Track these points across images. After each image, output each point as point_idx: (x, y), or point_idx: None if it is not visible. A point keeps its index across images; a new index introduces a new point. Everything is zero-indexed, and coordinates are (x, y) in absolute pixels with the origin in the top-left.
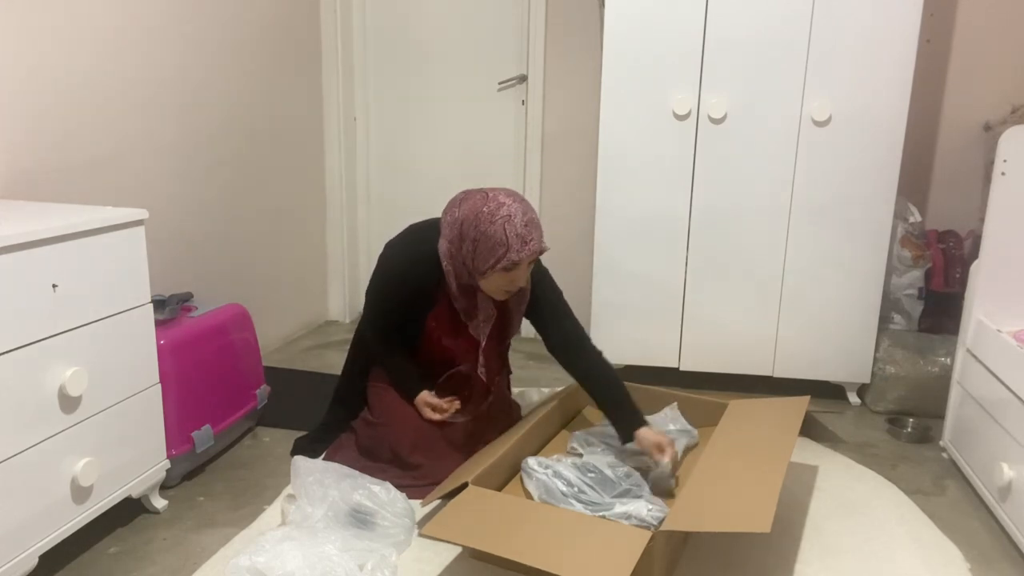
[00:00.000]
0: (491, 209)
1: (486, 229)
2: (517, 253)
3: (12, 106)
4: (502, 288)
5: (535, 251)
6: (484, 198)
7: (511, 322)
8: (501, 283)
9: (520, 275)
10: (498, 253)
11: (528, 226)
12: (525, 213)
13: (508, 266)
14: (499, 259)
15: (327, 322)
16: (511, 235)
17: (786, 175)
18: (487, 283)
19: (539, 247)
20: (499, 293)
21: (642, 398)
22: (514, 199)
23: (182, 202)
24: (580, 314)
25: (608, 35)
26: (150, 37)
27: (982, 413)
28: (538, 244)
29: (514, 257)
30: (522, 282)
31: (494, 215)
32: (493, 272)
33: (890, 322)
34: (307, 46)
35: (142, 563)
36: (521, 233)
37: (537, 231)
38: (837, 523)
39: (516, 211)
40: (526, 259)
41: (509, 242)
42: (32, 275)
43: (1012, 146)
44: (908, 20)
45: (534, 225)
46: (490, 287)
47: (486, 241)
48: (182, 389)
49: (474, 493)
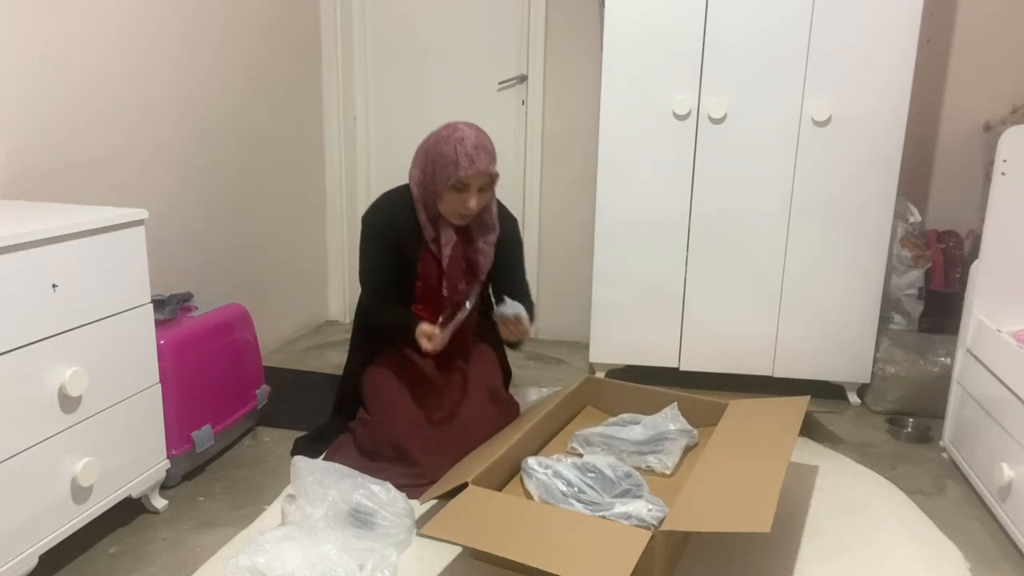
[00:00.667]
0: (448, 133)
1: (441, 149)
2: (464, 171)
3: (12, 106)
4: (456, 211)
5: (481, 170)
6: (446, 125)
7: (480, 255)
8: (455, 204)
9: (471, 197)
10: (449, 171)
11: (477, 149)
12: (478, 138)
13: (458, 185)
14: (450, 176)
15: (327, 322)
16: (461, 154)
17: (786, 175)
18: (444, 205)
19: (485, 167)
20: (455, 216)
21: (642, 398)
22: (471, 128)
23: (182, 202)
24: (580, 314)
25: (608, 35)
26: (150, 37)
27: (982, 413)
28: (484, 165)
29: (461, 175)
30: (475, 205)
31: (449, 137)
32: (447, 191)
33: (890, 322)
34: (307, 46)
35: (142, 563)
36: (470, 153)
37: (485, 154)
38: (837, 523)
39: (469, 135)
40: (472, 177)
41: (459, 160)
42: (32, 275)
43: (1012, 146)
44: (908, 20)
45: (483, 149)
46: (447, 210)
47: (440, 160)
48: (182, 389)
49: (474, 493)
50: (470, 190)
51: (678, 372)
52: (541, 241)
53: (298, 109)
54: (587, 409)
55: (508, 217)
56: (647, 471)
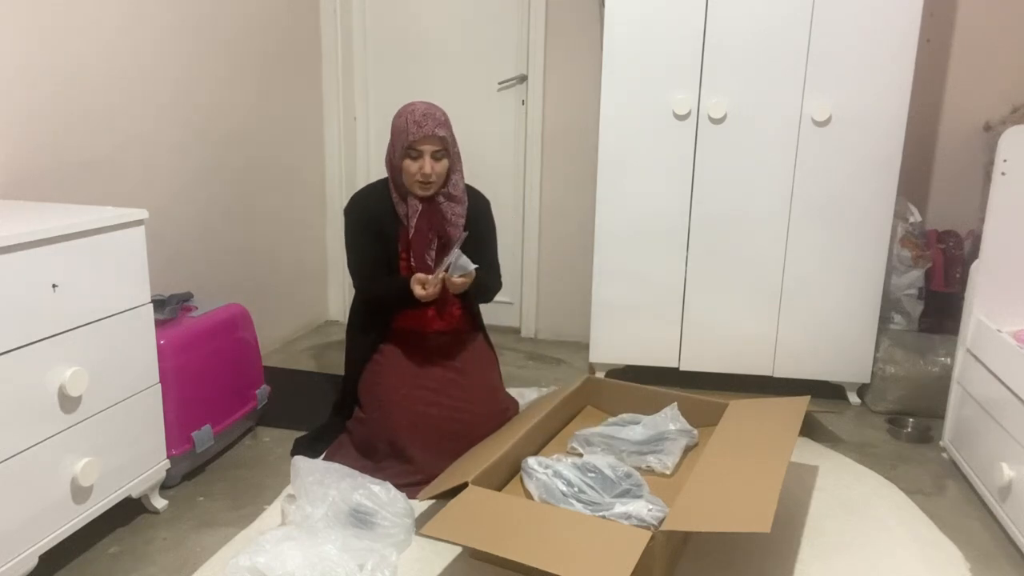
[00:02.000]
0: (402, 108)
1: (396, 122)
2: (413, 135)
3: (12, 106)
4: (415, 179)
5: (428, 134)
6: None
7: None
8: (413, 170)
9: (425, 162)
10: (401, 139)
11: (424, 116)
12: (427, 108)
13: (411, 152)
14: (403, 144)
15: (327, 322)
16: (410, 122)
17: (786, 175)
18: (405, 176)
19: (430, 130)
20: (415, 186)
21: (642, 398)
22: (425, 102)
23: (182, 202)
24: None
25: (608, 35)
26: (150, 37)
27: (982, 413)
28: (430, 128)
29: (411, 138)
30: (428, 169)
31: (403, 111)
32: (405, 161)
33: (890, 322)
34: (307, 46)
35: (142, 563)
36: (418, 120)
37: (432, 120)
38: (837, 523)
39: (420, 106)
40: (421, 141)
41: (408, 127)
42: (32, 275)
43: (1012, 146)
44: (908, 20)
45: (430, 116)
46: (408, 180)
47: (395, 132)
48: (182, 389)
49: (474, 493)
50: (424, 156)
51: (678, 372)
52: (541, 241)
53: (298, 109)
54: (587, 409)
55: (478, 197)
56: (647, 471)
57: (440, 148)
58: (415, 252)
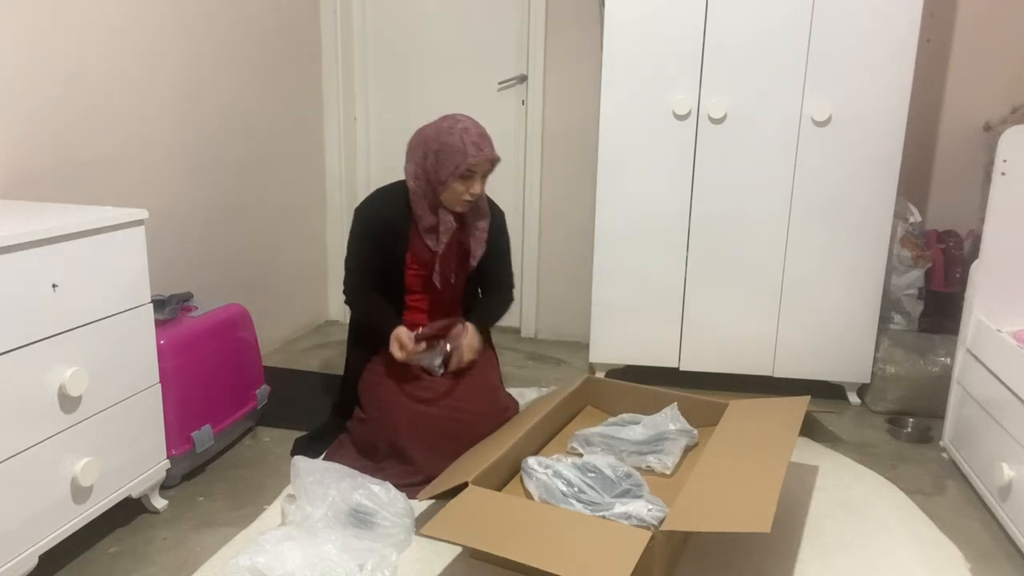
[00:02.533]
0: (449, 124)
1: (446, 140)
2: (473, 158)
3: (12, 106)
4: (460, 197)
5: (488, 157)
6: (444, 118)
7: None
8: (459, 191)
9: (476, 183)
10: (457, 159)
11: (481, 137)
12: (479, 127)
13: (465, 173)
14: (458, 165)
15: (327, 322)
16: (467, 143)
17: (786, 175)
18: (448, 194)
19: (492, 154)
20: (458, 203)
21: (642, 398)
22: (468, 118)
23: (182, 202)
24: (580, 314)
25: (608, 35)
26: (150, 37)
27: (982, 413)
28: (491, 152)
29: (471, 162)
30: (479, 190)
31: (452, 128)
32: (453, 180)
33: (890, 322)
34: (307, 46)
35: (142, 563)
36: (476, 141)
37: (489, 142)
38: (837, 523)
39: (471, 125)
40: (481, 164)
41: (466, 149)
42: (32, 275)
43: (1012, 146)
44: (908, 20)
45: (486, 137)
46: (450, 198)
47: (446, 151)
48: (182, 389)
49: (474, 493)
50: (476, 177)
51: (678, 372)
52: (541, 241)
53: (298, 109)
54: (587, 409)
55: (496, 210)
56: (647, 471)
57: (490, 168)
58: (441, 270)
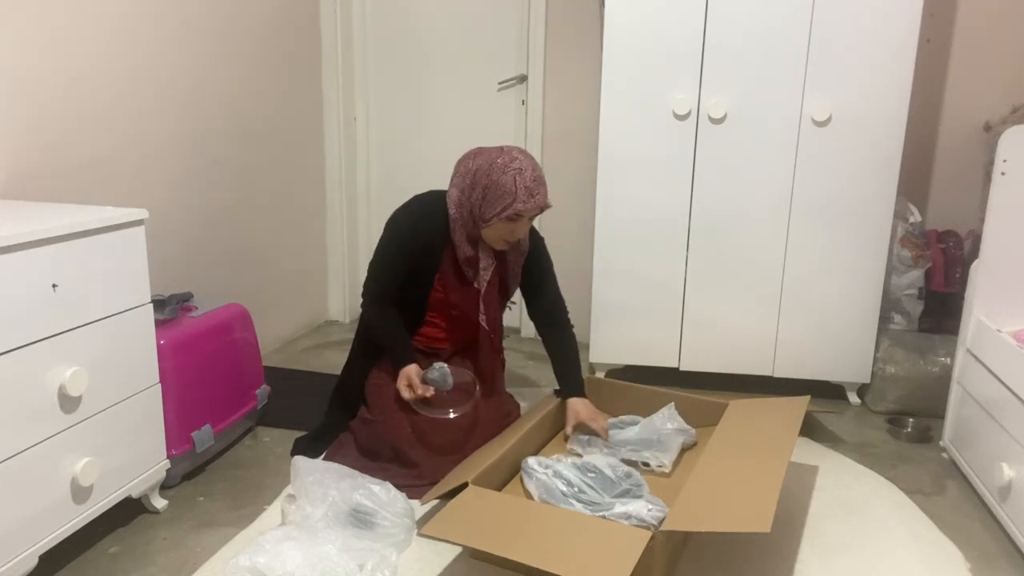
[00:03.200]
0: (504, 161)
1: (498, 178)
2: (523, 204)
3: (12, 106)
4: (503, 237)
5: (540, 205)
6: (499, 151)
7: (511, 275)
8: (503, 232)
9: (522, 226)
10: (505, 201)
11: (536, 181)
12: (535, 170)
13: (512, 215)
14: (506, 207)
15: (327, 322)
16: (520, 186)
17: (786, 175)
18: (490, 231)
19: (543, 202)
20: (499, 242)
21: (642, 398)
22: (525, 156)
23: (182, 202)
24: (580, 314)
25: (608, 35)
26: (150, 37)
27: (982, 413)
28: (543, 199)
29: (520, 207)
30: (522, 233)
31: (507, 166)
32: (498, 220)
33: (890, 322)
34: (307, 46)
35: (142, 563)
36: (529, 186)
37: (543, 188)
38: (837, 523)
39: (527, 166)
40: (530, 210)
41: (517, 192)
42: (32, 275)
43: (1012, 146)
44: (908, 20)
45: (541, 182)
46: (492, 236)
47: (496, 189)
48: (182, 389)
49: (474, 493)
50: (523, 220)
51: (678, 372)
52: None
53: (298, 109)
54: None
55: (536, 235)
56: (645, 469)
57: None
58: (488, 310)
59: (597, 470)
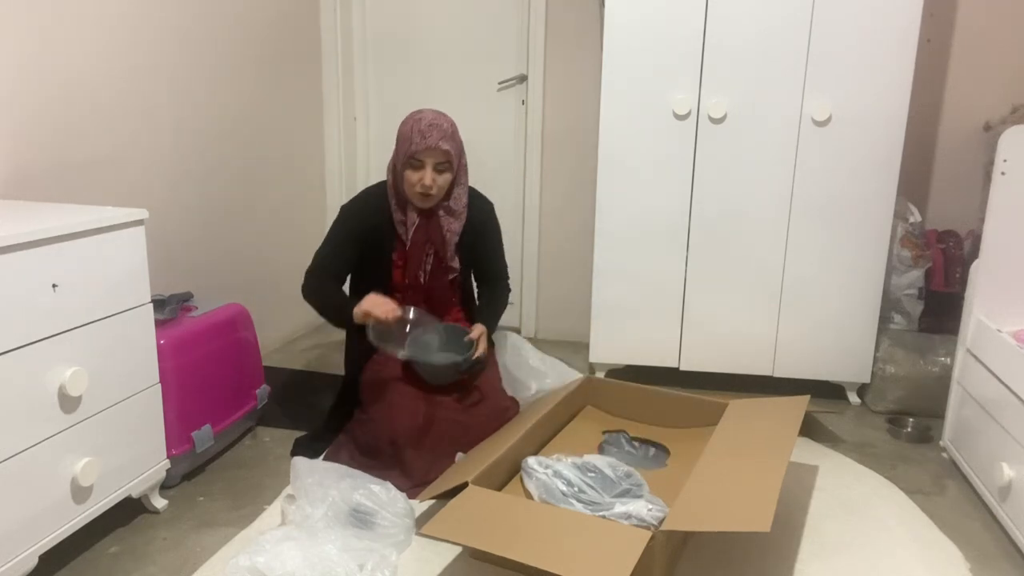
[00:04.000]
0: (410, 115)
1: (401, 128)
2: (416, 146)
3: (12, 106)
4: (415, 189)
5: (431, 146)
6: (414, 111)
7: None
8: (413, 180)
9: (426, 174)
10: (404, 147)
11: (431, 126)
12: (435, 118)
13: (413, 162)
14: (406, 152)
15: (327, 322)
16: (415, 131)
17: (786, 175)
18: (407, 186)
19: (434, 143)
20: (416, 197)
21: (642, 398)
22: (434, 112)
23: (182, 202)
24: (580, 314)
25: (608, 35)
26: (150, 37)
27: (982, 413)
28: (434, 140)
29: (414, 149)
30: (428, 180)
31: (410, 118)
32: (406, 170)
33: (890, 322)
34: (307, 46)
35: (142, 563)
36: (423, 130)
37: (439, 132)
38: (837, 523)
39: (427, 116)
40: (424, 152)
41: (412, 137)
42: (32, 275)
43: (1012, 146)
44: (908, 20)
45: (437, 128)
46: (409, 190)
47: (400, 139)
48: (182, 389)
49: (474, 493)
50: (426, 167)
51: (678, 372)
52: (541, 241)
53: (298, 109)
54: (587, 409)
55: (482, 201)
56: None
57: (444, 161)
58: (410, 266)
59: (597, 470)
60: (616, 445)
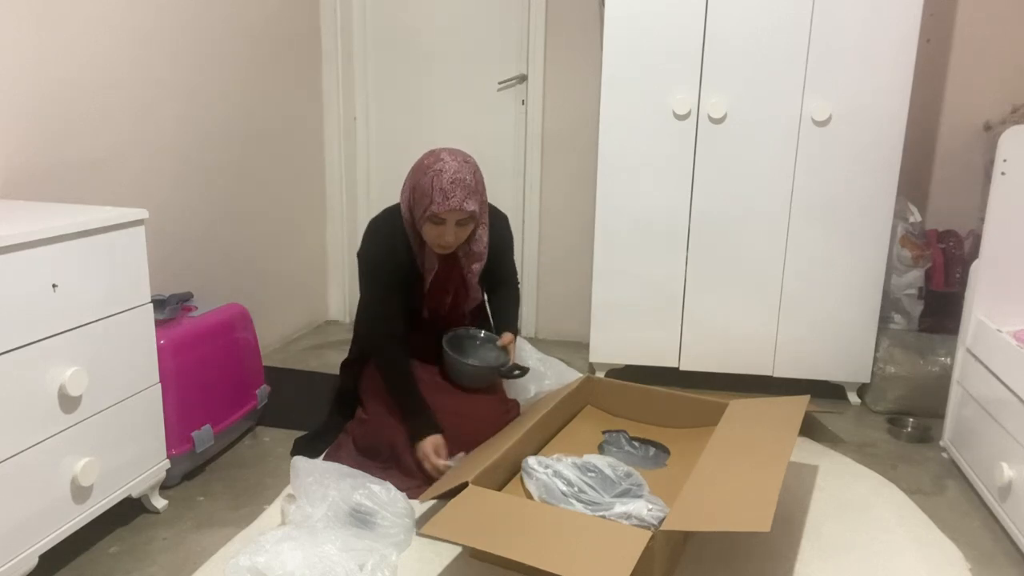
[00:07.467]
0: (428, 163)
1: (419, 180)
2: (438, 206)
3: (12, 106)
4: (434, 241)
5: (453, 208)
6: (429, 153)
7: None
8: (432, 235)
9: (447, 231)
10: (424, 203)
11: (453, 184)
12: (457, 172)
13: (433, 218)
14: (425, 209)
15: (327, 322)
16: (436, 188)
17: (786, 175)
18: (425, 234)
19: (458, 205)
20: (434, 246)
21: (642, 398)
22: (454, 157)
23: (182, 202)
24: (580, 314)
25: (608, 35)
26: (150, 37)
27: (982, 413)
28: (458, 202)
29: (435, 209)
30: (448, 239)
31: (429, 168)
32: (424, 222)
33: (890, 322)
34: (307, 46)
35: (142, 563)
36: (445, 188)
37: (462, 191)
38: (837, 523)
39: (448, 168)
40: (446, 213)
41: (433, 195)
42: (32, 275)
43: (1012, 146)
44: (908, 20)
45: (460, 184)
46: (428, 238)
47: (419, 191)
48: (182, 389)
49: (474, 493)
50: (447, 224)
51: (678, 372)
52: (541, 241)
53: (298, 109)
54: (587, 409)
55: (499, 220)
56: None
57: (466, 217)
58: (428, 307)
59: (597, 470)
60: (616, 445)
